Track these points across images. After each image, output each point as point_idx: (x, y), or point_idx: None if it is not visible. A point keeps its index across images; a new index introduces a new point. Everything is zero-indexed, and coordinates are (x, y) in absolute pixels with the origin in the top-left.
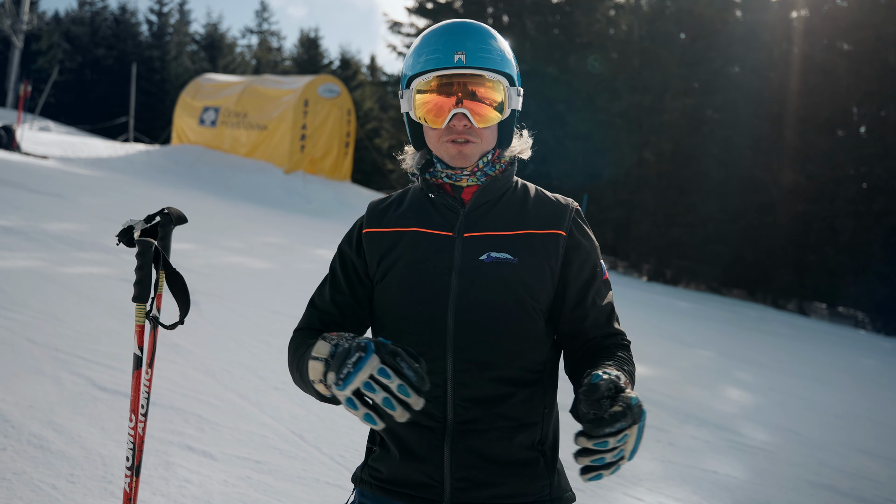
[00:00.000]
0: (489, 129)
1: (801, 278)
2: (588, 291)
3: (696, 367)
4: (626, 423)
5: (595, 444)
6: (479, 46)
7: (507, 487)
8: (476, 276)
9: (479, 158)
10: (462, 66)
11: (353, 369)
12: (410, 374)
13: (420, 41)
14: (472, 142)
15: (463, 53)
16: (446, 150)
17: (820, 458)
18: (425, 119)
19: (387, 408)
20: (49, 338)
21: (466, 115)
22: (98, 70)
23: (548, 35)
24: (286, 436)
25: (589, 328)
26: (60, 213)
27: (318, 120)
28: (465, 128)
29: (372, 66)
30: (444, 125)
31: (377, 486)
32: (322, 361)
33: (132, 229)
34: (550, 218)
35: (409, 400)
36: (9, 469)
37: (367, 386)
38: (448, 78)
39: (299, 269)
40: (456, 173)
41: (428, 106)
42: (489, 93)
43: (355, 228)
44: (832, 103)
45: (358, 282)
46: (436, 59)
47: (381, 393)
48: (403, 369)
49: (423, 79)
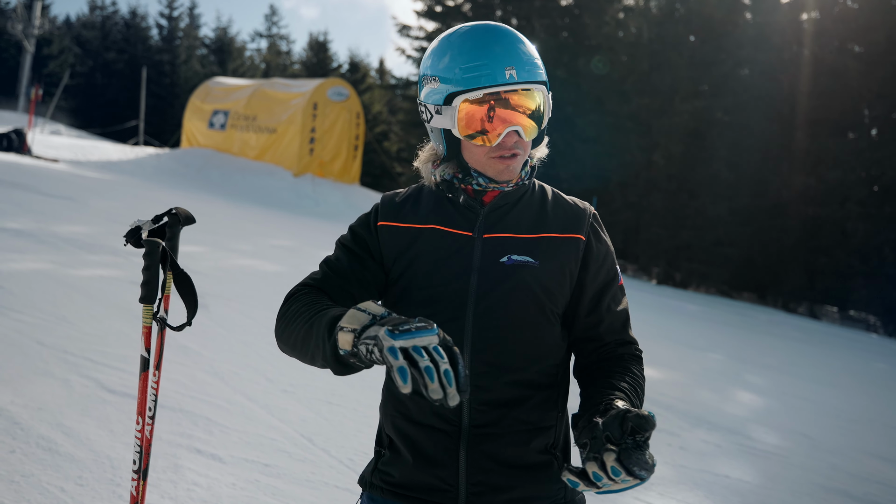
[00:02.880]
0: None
1: (811, 281)
2: (604, 296)
3: (706, 371)
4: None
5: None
6: (526, 58)
7: (522, 491)
8: (496, 277)
9: (522, 169)
10: (514, 82)
11: (415, 331)
12: (462, 370)
13: (451, 47)
14: (518, 155)
15: (513, 69)
16: (493, 165)
17: (833, 462)
18: (472, 137)
19: (427, 375)
20: (58, 340)
21: (520, 132)
22: (108, 74)
23: (557, 38)
24: (295, 439)
25: (604, 333)
26: (70, 216)
27: (327, 123)
28: (516, 143)
29: (381, 69)
30: (498, 142)
31: (388, 491)
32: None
33: (140, 230)
34: (570, 222)
35: (449, 389)
36: (17, 471)
37: (416, 349)
38: (501, 94)
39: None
40: (500, 185)
41: (476, 123)
42: (535, 105)
43: (370, 217)
44: (843, 105)
45: (373, 262)
46: (484, 76)
47: (426, 361)
48: (458, 363)
49: (471, 96)
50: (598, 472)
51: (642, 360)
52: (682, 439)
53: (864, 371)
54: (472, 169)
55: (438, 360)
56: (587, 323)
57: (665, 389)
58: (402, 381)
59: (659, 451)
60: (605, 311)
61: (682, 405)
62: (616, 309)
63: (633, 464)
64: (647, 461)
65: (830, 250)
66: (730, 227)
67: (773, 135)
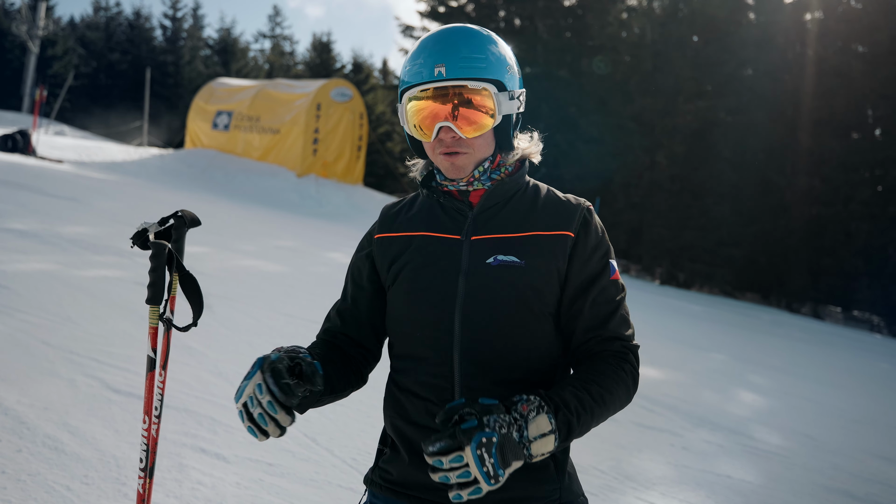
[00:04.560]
0: (482, 138)
1: (815, 282)
2: (587, 290)
3: (709, 371)
4: (452, 444)
5: (432, 461)
6: (463, 56)
7: (515, 491)
8: (482, 279)
9: (474, 168)
10: (442, 78)
11: (243, 385)
12: (275, 389)
13: (413, 50)
14: (462, 153)
15: (443, 66)
16: (440, 162)
17: (835, 462)
18: (416, 130)
19: (261, 423)
20: (63, 340)
21: (451, 127)
22: (112, 75)
23: (560, 38)
24: (299, 438)
25: (582, 329)
26: (75, 217)
27: (331, 124)
28: (454, 140)
29: (384, 69)
30: (433, 138)
31: (387, 488)
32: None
33: (146, 232)
34: (559, 219)
35: (277, 416)
36: (24, 470)
37: (250, 401)
38: (431, 91)
39: (312, 273)
40: (453, 184)
41: (417, 118)
42: (476, 102)
43: (371, 232)
44: (847, 106)
45: (362, 291)
46: (419, 73)
47: (257, 409)
48: (270, 385)
49: (409, 93)
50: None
51: (626, 355)
52: (684, 439)
53: (868, 371)
54: (434, 166)
55: (260, 398)
56: (568, 316)
57: (668, 389)
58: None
59: (661, 450)
60: (587, 305)
61: (684, 405)
62: (601, 303)
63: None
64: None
65: (834, 250)
66: (733, 228)
67: (777, 135)
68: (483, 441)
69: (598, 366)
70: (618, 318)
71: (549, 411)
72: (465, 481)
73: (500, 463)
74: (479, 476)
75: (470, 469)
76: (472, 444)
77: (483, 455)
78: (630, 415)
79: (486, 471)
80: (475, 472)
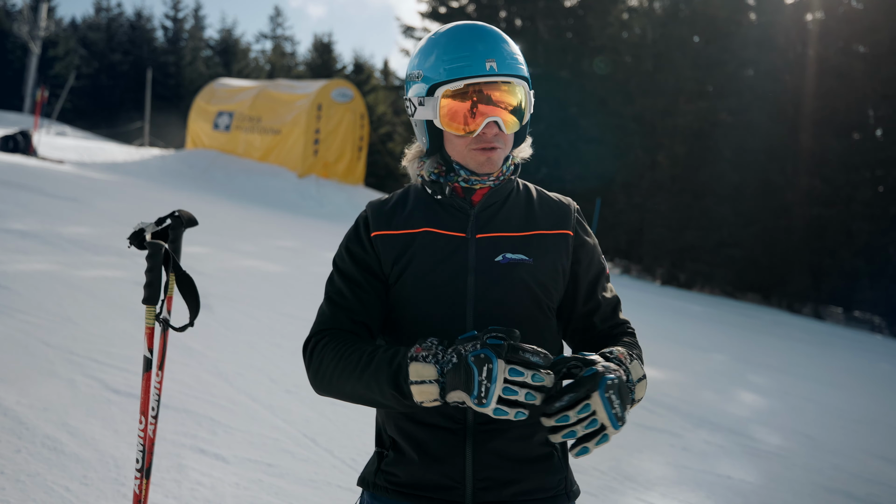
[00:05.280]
0: (511, 135)
1: (816, 282)
2: (597, 286)
3: (709, 371)
4: (579, 393)
5: (557, 420)
6: (507, 52)
7: (528, 483)
8: (493, 276)
9: (503, 164)
10: (495, 73)
11: (490, 384)
12: (536, 359)
13: (437, 45)
14: (498, 148)
15: (494, 61)
16: (474, 157)
17: (836, 463)
18: (452, 127)
19: (529, 401)
20: (63, 340)
21: (499, 123)
22: (114, 75)
23: (561, 39)
24: (298, 439)
25: (599, 320)
26: (76, 217)
27: (332, 124)
28: (495, 135)
29: (385, 70)
30: (478, 132)
31: (394, 491)
32: (434, 384)
33: (143, 232)
34: (558, 218)
35: (544, 382)
36: (23, 471)
37: (506, 391)
38: (479, 86)
39: (312, 273)
40: (481, 179)
41: (457, 114)
42: (516, 99)
43: (361, 230)
44: (848, 106)
45: (374, 280)
46: (466, 67)
47: (521, 391)
48: (529, 358)
49: (452, 86)
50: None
51: (635, 334)
52: (684, 440)
53: (868, 372)
54: (454, 162)
55: (522, 379)
56: (584, 312)
57: (668, 390)
58: (524, 416)
59: (661, 451)
60: (600, 299)
61: (684, 406)
62: (607, 296)
63: (552, 411)
64: (559, 393)
65: (835, 251)
66: (734, 228)
67: (778, 135)
68: (609, 384)
69: (624, 340)
70: (619, 306)
71: (638, 358)
72: (591, 431)
73: (623, 405)
74: (607, 421)
75: (598, 416)
76: (599, 390)
77: (611, 398)
78: (630, 415)
79: (615, 413)
80: (604, 417)
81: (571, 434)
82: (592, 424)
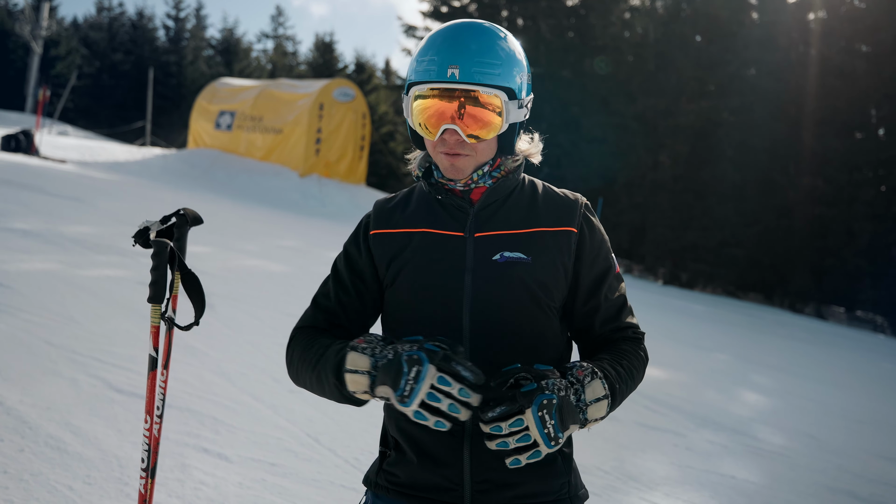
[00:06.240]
0: (485, 143)
1: (818, 282)
2: (600, 286)
3: (712, 371)
4: (512, 408)
5: (491, 428)
6: (477, 60)
7: (527, 487)
8: (490, 276)
9: (473, 171)
10: (454, 80)
11: (416, 384)
12: (467, 374)
13: (425, 43)
14: (463, 155)
15: (457, 68)
16: (440, 161)
17: (839, 463)
18: (420, 127)
19: (452, 412)
20: (66, 340)
21: (456, 130)
22: (115, 75)
23: (563, 38)
24: (301, 438)
25: (600, 322)
26: (78, 217)
27: (334, 124)
28: (457, 142)
29: (387, 69)
30: (436, 138)
31: (394, 491)
32: (365, 374)
33: (148, 230)
34: (561, 215)
35: (470, 399)
36: (26, 470)
37: (430, 396)
38: (440, 91)
39: (314, 273)
40: (450, 182)
41: (423, 115)
42: (485, 109)
43: (361, 229)
44: (850, 106)
45: (363, 284)
46: (431, 71)
47: (445, 401)
48: (460, 372)
49: (417, 88)
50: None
51: (640, 339)
52: (687, 439)
53: (871, 371)
54: (433, 162)
55: (449, 389)
56: (584, 312)
57: (671, 390)
58: (443, 427)
59: (664, 451)
60: (602, 300)
61: (687, 405)
62: (612, 297)
63: (486, 419)
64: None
65: (837, 251)
66: (736, 228)
67: (780, 135)
68: (544, 403)
69: (621, 346)
70: (627, 308)
71: (602, 377)
72: (524, 445)
73: (560, 425)
74: (539, 439)
75: (530, 432)
76: (533, 407)
77: (544, 417)
78: (633, 415)
79: (546, 433)
80: (536, 434)
81: (504, 444)
82: (525, 439)
